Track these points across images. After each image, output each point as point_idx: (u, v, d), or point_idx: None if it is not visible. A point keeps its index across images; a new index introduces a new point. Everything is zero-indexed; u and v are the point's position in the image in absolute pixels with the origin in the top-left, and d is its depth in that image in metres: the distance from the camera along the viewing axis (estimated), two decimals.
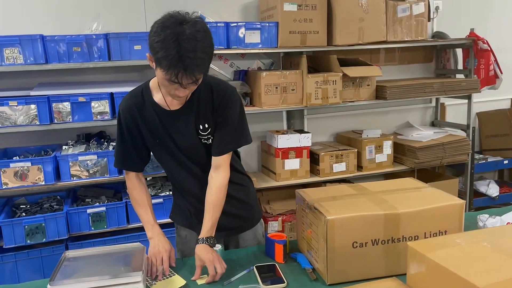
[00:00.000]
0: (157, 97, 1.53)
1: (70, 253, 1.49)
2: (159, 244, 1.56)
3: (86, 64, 2.55)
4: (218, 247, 1.57)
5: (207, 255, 1.47)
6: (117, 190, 2.91)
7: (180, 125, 1.53)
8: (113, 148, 2.71)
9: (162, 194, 2.76)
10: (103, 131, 2.95)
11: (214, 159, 1.57)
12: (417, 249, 1.03)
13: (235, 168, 1.69)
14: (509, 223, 1.64)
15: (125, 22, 2.91)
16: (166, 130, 1.54)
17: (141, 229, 2.70)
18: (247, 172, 1.89)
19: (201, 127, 1.53)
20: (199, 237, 1.52)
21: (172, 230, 2.75)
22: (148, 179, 2.84)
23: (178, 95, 1.39)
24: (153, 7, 2.98)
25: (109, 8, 2.90)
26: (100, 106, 2.60)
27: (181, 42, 1.26)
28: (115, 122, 2.61)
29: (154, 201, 2.70)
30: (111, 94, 2.61)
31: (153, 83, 1.56)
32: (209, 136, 1.56)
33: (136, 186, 1.66)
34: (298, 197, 1.62)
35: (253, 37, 2.83)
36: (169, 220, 2.72)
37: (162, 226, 2.72)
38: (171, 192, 2.76)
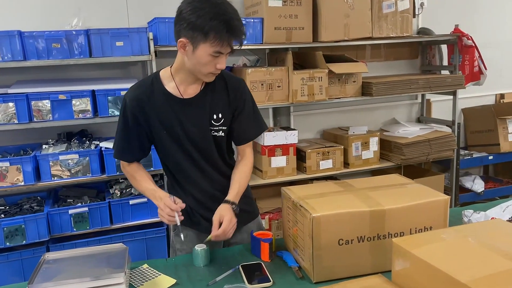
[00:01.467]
0: (170, 86, 1.56)
1: (50, 255, 1.46)
2: (163, 200, 1.52)
3: (66, 61, 2.51)
4: (203, 246, 1.56)
5: (227, 212, 1.50)
6: (100, 190, 2.88)
7: (194, 113, 1.56)
8: (95, 147, 2.68)
9: None
10: (85, 129, 2.91)
11: (239, 148, 1.69)
12: (401, 246, 1.04)
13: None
14: (493, 218, 1.67)
15: (107, 18, 2.87)
16: (178, 118, 1.56)
17: (125, 229, 2.70)
18: None
19: (214, 116, 1.58)
20: (226, 199, 1.57)
21: (158, 230, 2.74)
22: None
23: (221, 67, 1.46)
24: (135, 2, 2.94)
25: (90, 3, 2.85)
26: (82, 104, 2.56)
27: (224, 10, 1.38)
28: (97, 120, 2.62)
29: (139, 200, 2.70)
30: (93, 91, 2.58)
31: (164, 73, 1.58)
32: (221, 127, 1.60)
33: (135, 169, 1.66)
34: (283, 195, 1.62)
35: None
36: (156, 219, 2.72)
37: (149, 226, 2.73)
38: None
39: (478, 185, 3.74)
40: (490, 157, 3.75)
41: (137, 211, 2.69)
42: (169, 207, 1.48)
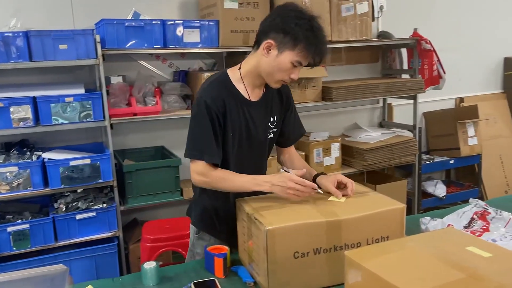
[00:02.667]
0: (240, 87, 1.63)
1: None
2: (278, 180, 1.50)
3: (3, 65, 2.42)
4: (153, 264, 1.54)
5: (337, 175, 1.62)
6: (44, 205, 2.78)
7: (260, 116, 1.66)
8: (37, 158, 2.59)
9: (95, 207, 2.66)
10: (25, 139, 2.80)
11: (284, 150, 1.83)
12: (353, 258, 1.06)
13: None
14: (450, 225, 1.74)
15: (50, 18, 2.79)
16: (246, 120, 1.63)
17: (71, 246, 2.62)
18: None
19: (271, 119, 1.70)
20: (319, 173, 1.69)
21: (108, 246, 2.68)
22: (78, 191, 2.72)
23: (294, 77, 1.56)
24: (81, 2, 2.87)
25: (31, 3, 2.76)
26: (21, 112, 2.47)
27: (320, 27, 1.51)
28: (39, 129, 2.53)
29: (86, 215, 2.62)
30: (34, 98, 2.49)
31: (232, 74, 1.64)
32: (273, 129, 1.71)
33: (222, 169, 1.60)
34: (238, 207, 1.61)
35: (192, 36, 2.80)
36: (106, 234, 2.65)
37: (99, 242, 2.66)
38: (104, 205, 2.68)
39: (440, 189, 3.88)
40: (451, 161, 3.91)
41: (85, 226, 2.61)
42: (301, 183, 1.48)
